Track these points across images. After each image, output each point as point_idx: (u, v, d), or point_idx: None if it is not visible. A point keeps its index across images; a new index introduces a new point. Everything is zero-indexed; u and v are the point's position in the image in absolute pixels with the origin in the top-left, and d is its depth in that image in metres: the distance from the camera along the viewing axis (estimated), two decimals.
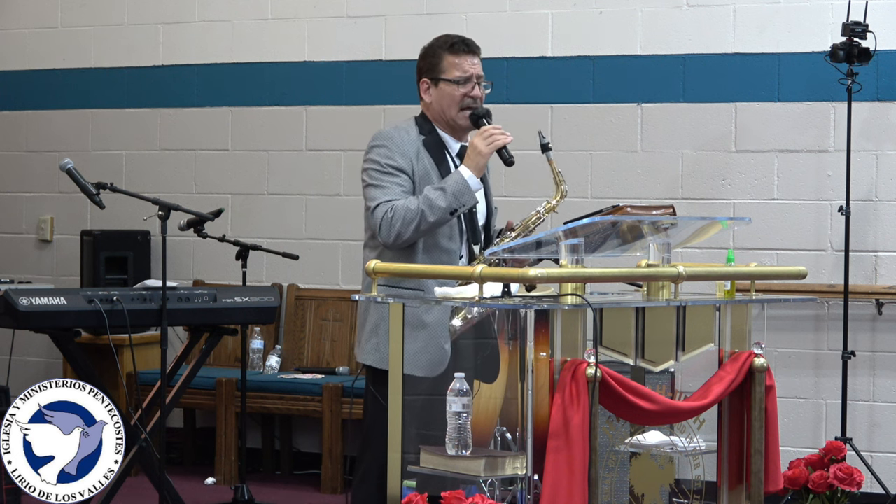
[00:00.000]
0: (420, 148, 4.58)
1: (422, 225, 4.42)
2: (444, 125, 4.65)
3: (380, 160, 4.53)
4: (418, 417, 4.25)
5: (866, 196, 6.56)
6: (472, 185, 4.46)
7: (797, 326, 6.65)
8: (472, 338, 4.32)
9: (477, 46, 4.70)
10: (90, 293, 5.50)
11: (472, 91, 4.61)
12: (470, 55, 4.64)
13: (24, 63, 8.10)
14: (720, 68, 6.81)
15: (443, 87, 4.61)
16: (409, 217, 4.42)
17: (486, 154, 4.49)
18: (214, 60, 7.72)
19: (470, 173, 4.47)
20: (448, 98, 4.61)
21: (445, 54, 4.62)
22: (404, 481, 4.00)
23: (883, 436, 6.56)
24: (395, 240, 4.45)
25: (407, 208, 4.43)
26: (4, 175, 8.16)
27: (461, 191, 4.44)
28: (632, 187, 6.90)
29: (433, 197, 4.43)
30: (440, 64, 4.62)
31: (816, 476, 4.93)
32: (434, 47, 4.67)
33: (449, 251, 4.54)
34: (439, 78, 4.62)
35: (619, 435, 4.22)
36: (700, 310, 4.22)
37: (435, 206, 4.42)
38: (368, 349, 4.56)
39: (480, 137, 4.52)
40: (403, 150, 4.55)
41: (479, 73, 4.65)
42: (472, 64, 4.63)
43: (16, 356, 7.07)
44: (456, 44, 4.64)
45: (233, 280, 7.01)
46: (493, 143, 4.50)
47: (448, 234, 4.53)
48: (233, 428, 7.08)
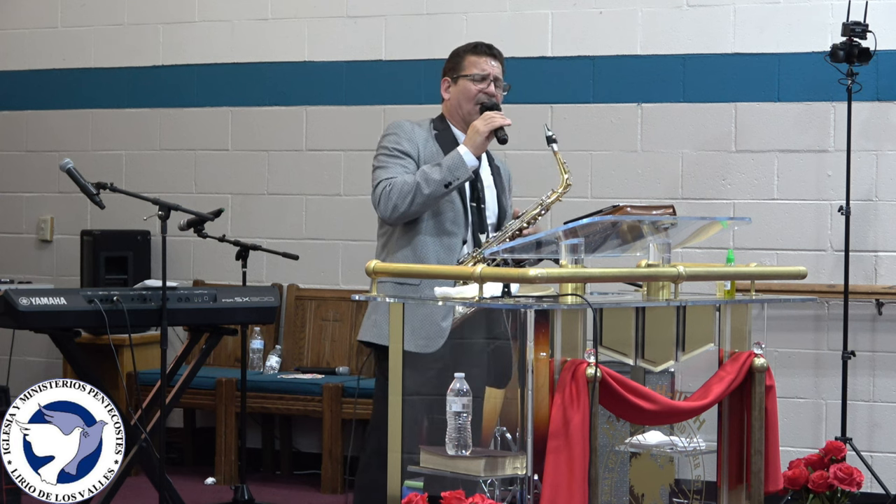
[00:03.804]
0: (430, 140, 4.79)
1: (417, 197, 4.62)
2: (459, 122, 4.85)
3: (388, 145, 4.77)
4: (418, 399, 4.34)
5: (866, 196, 6.57)
6: (468, 161, 4.64)
7: (797, 326, 6.65)
8: (483, 338, 4.34)
9: (500, 52, 4.93)
10: (90, 293, 5.50)
11: (487, 87, 4.82)
12: (490, 57, 4.87)
13: (24, 63, 8.10)
14: (720, 68, 6.81)
15: (461, 83, 4.84)
16: (405, 190, 4.63)
17: (483, 132, 4.66)
18: (214, 60, 7.72)
19: (466, 149, 4.66)
20: (464, 93, 4.83)
21: (468, 55, 4.88)
22: (406, 481, 3.99)
23: (883, 436, 6.56)
24: (392, 213, 4.65)
25: (404, 181, 4.64)
26: (4, 175, 8.16)
27: (456, 165, 4.63)
28: (632, 187, 6.90)
29: (429, 171, 4.64)
30: (461, 63, 4.86)
31: (816, 476, 4.93)
32: (459, 50, 4.93)
33: (452, 234, 4.71)
34: (459, 75, 4.84)
35: (619, 435, 4.22)
36: (700, 310, 4.22)
37: (430, 178, 4.62)
38: (367, 326, 4.77)
39: (481, 119, 4.71)
40: (411, 137, 4.77)
41: (498, 75, 4.86)
42: (491, 65, 4.86)
43: (16, 356, 7.07)
44: (479, 45, 4.90)
45: (233, 280, 7.01)
46: (491, 123, 4.68)
47: (452, 218, 4.71)
48: (233, 428, 7.08)
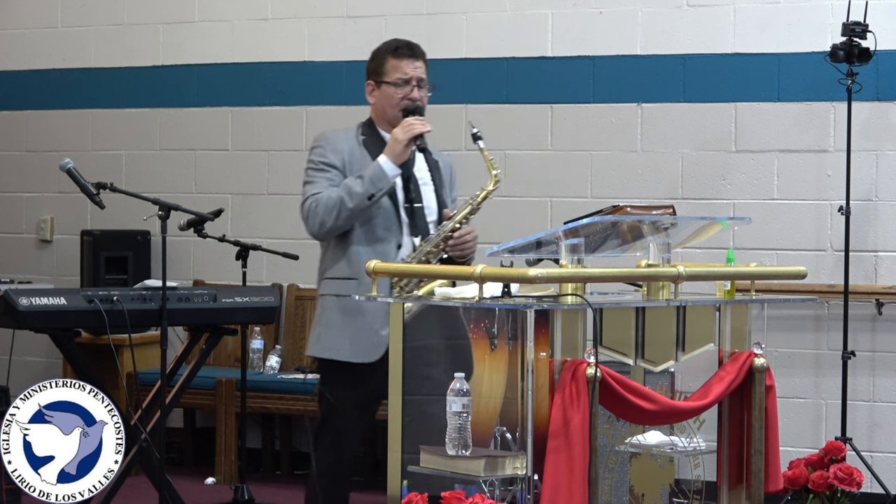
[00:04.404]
0: (357, 146, 4.81)
1: (342, 212, 4.65)
2: (385, 125, 4.85)
3: (314, 159, 4.83)
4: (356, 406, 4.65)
5: (866, 196, 6.56)
6: (388, 171, 4.66)
7: (797, 326, 6.65)
8: (444, 337, 4.34)
9: (421, 51, 4.88)
10: (90, 293, 5.50)
11: (411, 93, 4.80)
12: (412, 59, 4.83)
13: (24, 63, 8.10)
14: (720, 68, 6.81)
15: (384, 89, 4.83)
16: (330, 205, 4.66)
17: (402, 140, 4.67)
18: (214, 60, 7.72)
19: (386, 159, 4.67)
20: (388, 99, 4.83)
21: (389, 58, 4.84)
22: (404, 481, 3.99)
23: (883, 436, 6.56)
24: (319, 229, 4.71)
25: (328, 197, 4.68)
26: (4, 175, 8.16)
27: (377, 176, 4.64)
28: (632, 187, 6.90)
29: (351, 184, 4.67)
30: (383, 67, 4.84)
31: (816, 476, 4.93)
32: (380, 51, 4.89)
33: (384, 240, 4.72)
34: (382, 80, 4.83)
35: (619, 435, 4.22)
36: (700, 310, 4.22)
37: (353, 192, 4.64)
38: (312, 340, 4.86)
39: (400, 127, 4.72)
40: (336, 148, 4.80)
41: (420, 77, 4.83)
42: (413, 67, 4.82)
43: (16, 356, 7.07)
44: (399, 48, 4.85)
45: (233, 280, 7.01)
46: (410, 131, 4.69)
47: (384, 224, 4.73)
48: (233, 428, 7.08)
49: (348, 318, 4.64)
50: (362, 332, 4.63)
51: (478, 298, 3.89)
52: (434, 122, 4.78)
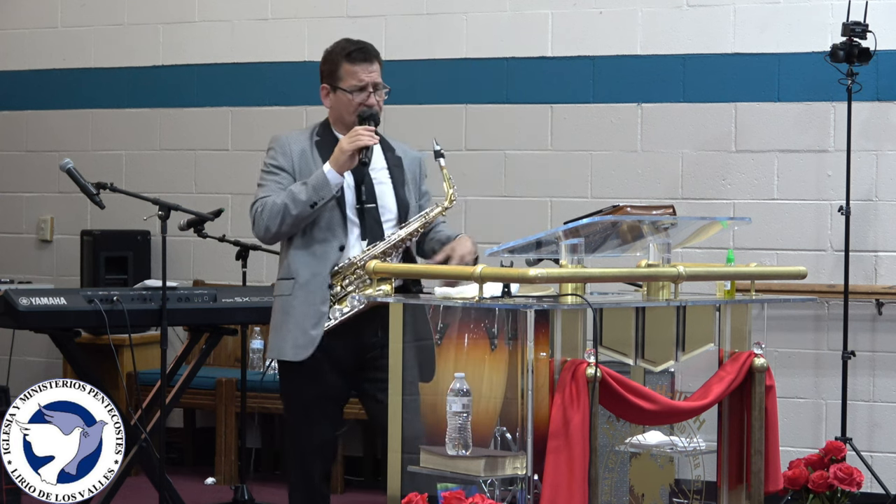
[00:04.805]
0: (309, 147, 4.76)
1: (287, 218, 4.63)
2: (342, 128, 4.77)
3: (267, 161, 4.80)
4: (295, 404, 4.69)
5: (866, 196, 6.57)
6: (332, 180, 4.62)
7: (797, 326, 6.65)
8: (410, 339, 4.33)
9: (376, 52, 4.78)
10: (90, 293, 5.50)
11: (367, 100, 4.72)
12: (366, 63, 4.74)
13: (24, 63, 8.10)
14: (720, 68, 6.81)
15: (340, 95, 4.76)
16: (275, 210, 4.64)
17: (347, 151, 4.61)
18: (214, 60, 7.72)
19: (330, 168, 4.63)
20: (345, 106, 4.75)
21: (343, 62, 4.74)
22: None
23: (883, 436, 6.56)
24: (264, 233, 4.70)
25: (274, 203, 4.66)
26: (4, 175, 8.16)
27: (320, 185, 4.61)
28: (632, 187, 6.90)
29: (296, 191, 4.64)
30: (337, 71, 4.75)
31: (816, 476, 4.93)
32: (333, 53, 4.79)
33: (324, 241, 4.67)
34: (336, 86, 4.75)
35: (619, 435, 4.22)
36: (700, 310, 4.22)
37: (297, 199, 4.62)
38: (269, 340, 4.80)
39: (346, 137, 4.66)
40: (286, 150, 4.76)
41: (376, 81, 4.75)
42: (368, 73, 4.73)
43: (16, 356, 7.07)
44: (353, 52, 4.75)
45: (233, 280, 7.01)
46: (356, 142, 4.62)
47: (325, 225, 4.68)
48: (233, 428, 7.08)
49: (286, 318, 4.66)
50: (293, 331, 4.63)
51: (478, 298, 3.89)
52: (434, 122, 4.78)
